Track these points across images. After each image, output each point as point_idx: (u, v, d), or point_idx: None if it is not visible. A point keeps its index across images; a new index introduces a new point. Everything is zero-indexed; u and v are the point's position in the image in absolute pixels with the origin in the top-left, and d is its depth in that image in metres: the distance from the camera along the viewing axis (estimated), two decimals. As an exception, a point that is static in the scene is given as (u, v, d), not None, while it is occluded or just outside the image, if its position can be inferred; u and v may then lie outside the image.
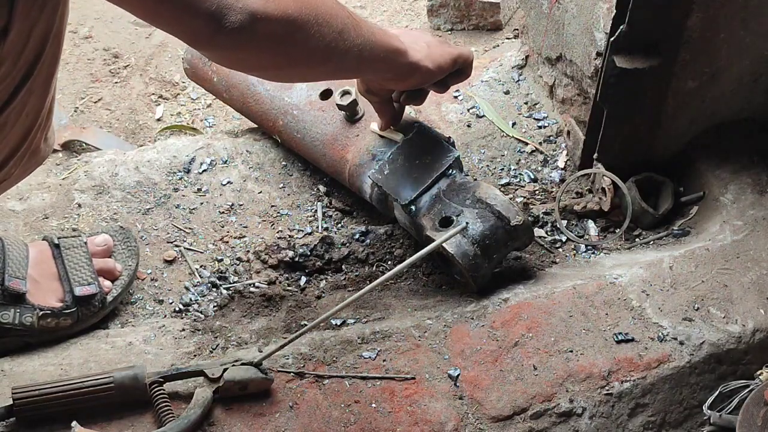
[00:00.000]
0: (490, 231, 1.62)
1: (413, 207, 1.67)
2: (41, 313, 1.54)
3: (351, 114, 1.78)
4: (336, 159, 1.80)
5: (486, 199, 1.63)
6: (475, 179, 1.81)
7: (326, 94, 1.83)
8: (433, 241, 1.60)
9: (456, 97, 2.09)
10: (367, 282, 1.69)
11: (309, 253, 1.77)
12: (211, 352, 1.58)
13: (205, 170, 1.90)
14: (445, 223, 1.64)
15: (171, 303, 1.70)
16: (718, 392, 1.54)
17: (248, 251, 1.78)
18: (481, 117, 2.05)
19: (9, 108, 1.24)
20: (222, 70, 1.93)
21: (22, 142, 1.32)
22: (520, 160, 1.97)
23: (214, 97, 2.12)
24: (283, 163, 1.94)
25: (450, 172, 1.69)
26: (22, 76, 1.23)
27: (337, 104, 1.77)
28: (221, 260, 1.77)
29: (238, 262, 1.77)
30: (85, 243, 1.63)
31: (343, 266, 1.77)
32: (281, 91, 1.87)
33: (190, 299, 1.71)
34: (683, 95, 1.78)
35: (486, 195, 1.64)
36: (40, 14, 1.19)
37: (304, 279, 1.75)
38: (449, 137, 1.74)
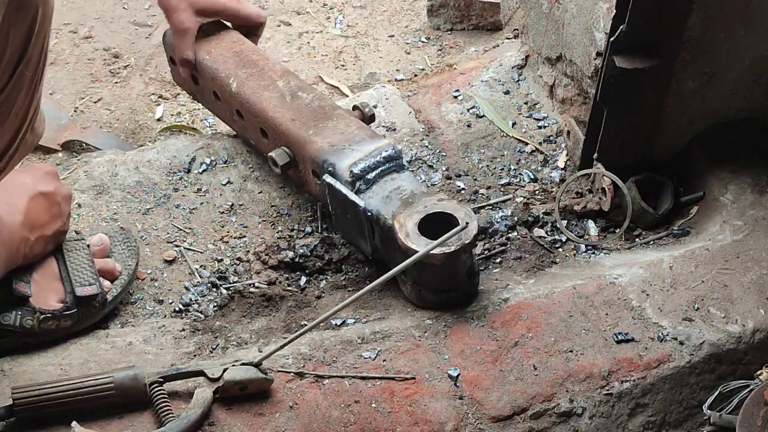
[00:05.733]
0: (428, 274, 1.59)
1: (377, 252, 1.67)
2: (42, 316, 1.54)
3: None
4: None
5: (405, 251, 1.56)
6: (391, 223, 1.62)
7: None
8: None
9: (456, 97, 2.09)
10: (367, 282, 1.69)
11: (309, 254, 1.77)
12: (211, 352, 1.58)
13: (205, 170, 1.90)
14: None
15: (171, 303, 1.70)
16: (718, 392, 1.54)
17: (248, 251, 1.78)
18: (481, 117, 2.05)
19: None
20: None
21: (12, 142, 1.32)
22: (520, 160, 1.97)
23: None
24: (283, 163, 1.94)
25: (369, 213, 1.62)
26: (6, 78, 1.23)
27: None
28: (221, 260, 1.77)
29: (238, 262, 1.77)
30: (88, 245, 1.63)
31: (343, 266, 1.77)
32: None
33: (190, 299, 1.70)
34: (683, 95, 1.78)
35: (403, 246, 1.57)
36: (17, 16, 1.19)
37: (304, 279, 1.75)
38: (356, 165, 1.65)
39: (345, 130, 1.70)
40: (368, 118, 1.81)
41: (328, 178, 1.65)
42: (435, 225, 1.57)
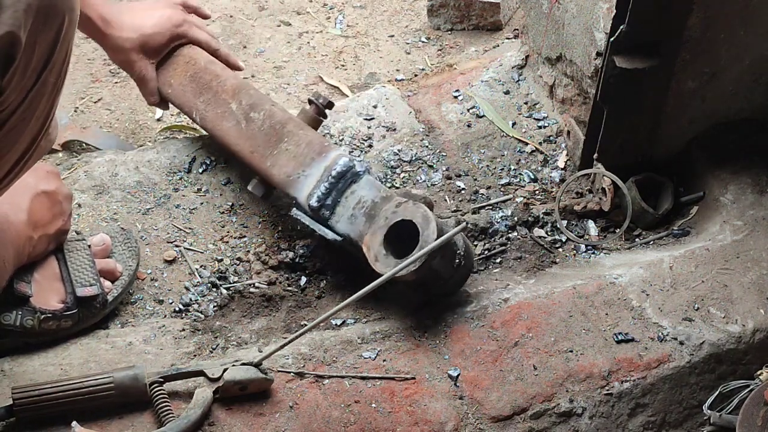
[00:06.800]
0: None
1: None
2: (42, 316, 1.54)
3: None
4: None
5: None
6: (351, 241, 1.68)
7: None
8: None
9: (456, 97, 2.09)
10: (368, 282, 1.68)
11: (309, 254, 1.77)
12: (211, 352, 1.58)
13: (205, 170, 1.90)
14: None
15: (171, 303, 1.70)
16: (718, 392, 1.54)
17: (248, 251, 1.78)
18: (481, 117, 2.05)
19: (18, 112, 1.25)
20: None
21: (30, 146, 1.33)
22: (520, 160, 1.97)
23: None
24: (283, 163, 1.93)
25: (343, 239, 1.65)
26: (31, 83, 1.24)
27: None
28: (221, 260, 1.77)
29: (238, 262, 1.77)
30: (89, 246, 1.63)
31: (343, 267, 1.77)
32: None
33: (190, 299, 1.70)
34: (683, 95, 1.78)
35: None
36: (45, 23, 1.20)
37: (304, 279, 1.75)
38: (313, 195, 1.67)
39: (296, 152, 1.71)
40: (325, 106, 1.80)
41: (295, 214, 1.69)
42: (401, 232, 1.57)
